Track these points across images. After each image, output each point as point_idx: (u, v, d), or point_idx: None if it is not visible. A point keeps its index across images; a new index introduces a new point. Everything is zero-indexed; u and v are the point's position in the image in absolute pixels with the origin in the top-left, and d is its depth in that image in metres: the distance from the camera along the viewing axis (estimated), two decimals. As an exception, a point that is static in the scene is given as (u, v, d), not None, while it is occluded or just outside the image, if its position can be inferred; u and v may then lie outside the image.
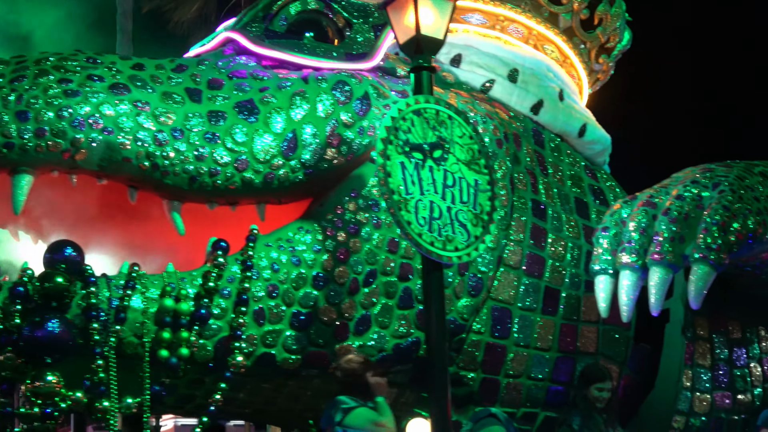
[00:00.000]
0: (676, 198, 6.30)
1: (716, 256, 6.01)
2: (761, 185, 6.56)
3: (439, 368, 4.92)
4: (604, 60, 8.50)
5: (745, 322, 7.71)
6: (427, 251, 4.94)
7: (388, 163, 4.94)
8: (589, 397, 6.32)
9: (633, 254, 6.21)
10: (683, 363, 7.26)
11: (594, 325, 7.12)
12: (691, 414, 7.25)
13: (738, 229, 6.10)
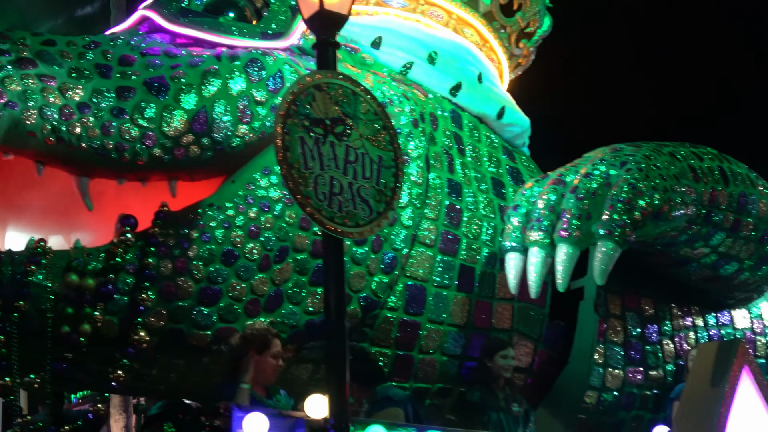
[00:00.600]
0: (584, 176, 6.13)
1: (621, 233, 5.85)
2: (669, 164, 6.42)
3: (337, 344, 4.66)
4: (525, 45, 8.31)
5: (657, 300, 7.59)
6: (326, 227, 4.68)
7: (287, 137, 4.66)
8: (493, 368, 6.13)
9: (541, 231, 6.05)
10: (596, 340, 7.10)
11: (509, 302, 6.94)
12: (603, 389, 7.09)
13: (643, 206, 5.95)
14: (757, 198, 7.00)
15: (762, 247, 7.17)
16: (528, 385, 7.06)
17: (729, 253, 7.04)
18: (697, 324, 7.76)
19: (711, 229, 6.79)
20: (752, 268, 7.30)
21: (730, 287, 7.50)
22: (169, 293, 5.57)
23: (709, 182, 6.68)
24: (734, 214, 6.85)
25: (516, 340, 6.95)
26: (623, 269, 7.45)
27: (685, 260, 7.10)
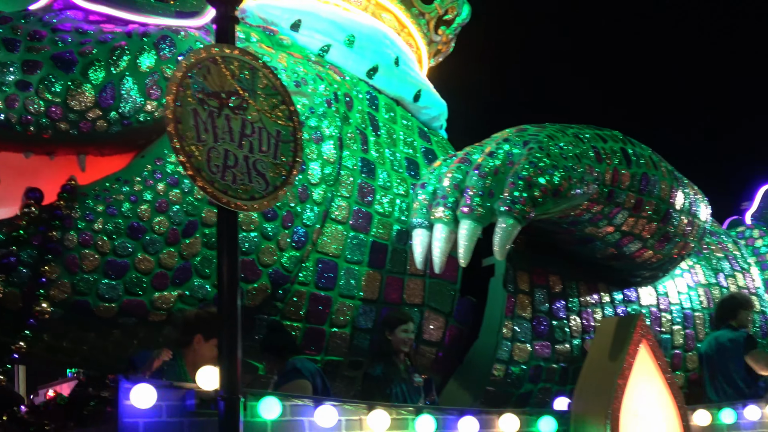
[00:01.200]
0: (488, 155, 6.01)
1: (521, 209, 5.74)
2: (571, 145, 6.32)
3: (229, 318, 4.49)
4: (443, 32, 8.17)
5: (565, 277, 7.49)
6: (219, 200, 4.50)
7: (179, 109, 4.47)
8: (394, 341, 6.00)
9: (446, 208, 5.92)
10: (504, 315, 6.97)
11: (421, 278, 6.81)
12: (511, 362, 7.00)
13: (543, 184, 5.84)
14: (659, 179, 6.92)
15: (664, 227, 7.09)
16: (439, 358, 6.95)
17: (632, 231, 6.96)
18: (603, 300, 7.68)
19: (614, 208, 6.70)
20: (654, 247, 7.22)
21: (634, 265, 7.42)
22: (73, 265, 5.38)
23: (612, 163, 6.58)
24: (636, 194, 6.76)
25: (427, 314, 6.83)
26: (532, 248, 7.37)
27: (589, 238, 7.01)
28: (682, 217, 7.21)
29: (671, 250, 7.36)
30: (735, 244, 9.40)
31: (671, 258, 7.54)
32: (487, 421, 5.71)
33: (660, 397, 6.31)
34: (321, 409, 4.97)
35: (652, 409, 6.23)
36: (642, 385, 6.21)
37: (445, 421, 5.53)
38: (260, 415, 4.79)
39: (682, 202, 7.21)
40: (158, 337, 5.89)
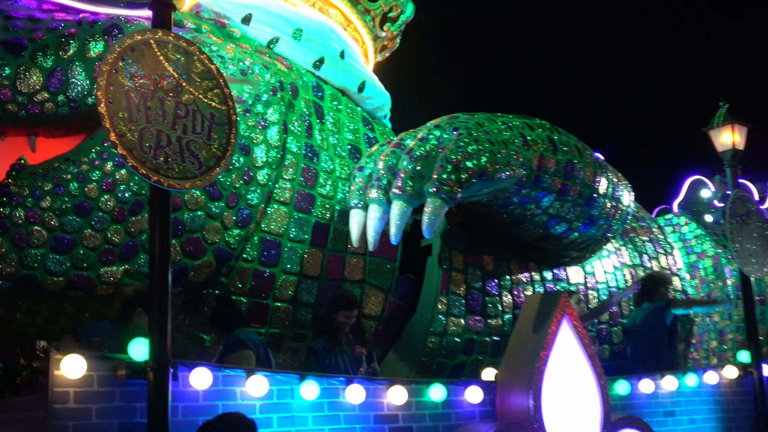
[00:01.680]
0: (420, 140, 5.77)
1: (448, 190, 5.50)
2: (499, 131, 6.11)
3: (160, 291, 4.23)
4: (389, 28, 7.91)
5: (498, 257, 7.25)
6: (150, 178, 4.21)
7: (111, 90, 4.17)
8: (337, 322, 5.74)
9: (380, 189, 5.68)
10: (439, 291, 6.73)
11: (361, 256, 6.57)
12: (446, 335, 6.78)
13: (470, 167, 5.61)
14: (584, 166, 6.71)
15: (588, 210, 6.89)
16: (379, 331, 6.72)
17: (558, 214, 6.75)
18: (534, 278, 7.47)
19: (540, 192, 6.49)
20: (580, 229, 7.01)
21: (562, 245, 7.22)
22: (20, 241, 5.10)
23: (539, 149, 6.36)
24: (562, 179, 6.55)
25: (367, 290, 6.60)
26: (468, 230, 7.13)
27: (519, 220, 6.79)
28: (605, 201, 7.00)
29: (596, 233, 7.15)
30: (659, 229, 9.23)
31: (596, 239, 7.33)
32: (415, 390, 5.47)
33: (581, 368, 6.10)
34: (252, 379, 4.71)
35: (573, 379, 6.02)
36: (564, 356, 6.00)
37: (375, 390, 5.28)
38: (192, 384, 4.49)
39: (606, 187, 7.00)
40: (109, 310, 5.58)
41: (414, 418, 5.44)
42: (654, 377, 7.13)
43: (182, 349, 5.71)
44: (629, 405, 6.94)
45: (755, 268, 8.10)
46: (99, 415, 4.21)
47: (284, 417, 4.86)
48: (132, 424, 4.26)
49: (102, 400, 4.23)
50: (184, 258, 5.66)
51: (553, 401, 5.84)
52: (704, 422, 7.54)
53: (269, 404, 4.79)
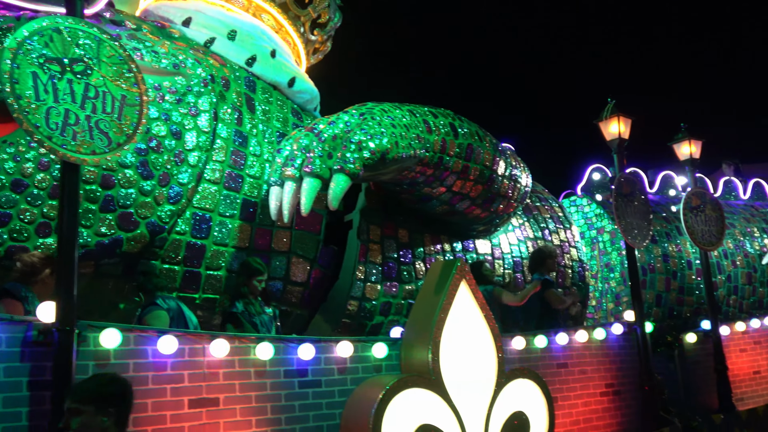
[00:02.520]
0: (329, 124, 5.35)
1: (352, 168, 5.07)
2: (403, 117, 5.68)
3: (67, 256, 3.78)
4: (319, 33, 7.44)
5: (413, 231, 6.87)
6: (56, 153, 3.76)
7: (17, 71, 3.69)
8: (250, 287, 5.30)
9: (294, 168, 5.22)
10: (357, 260, 6.30)
11: (288, 230, 6.15)
12: (364, 299, 6.37)
13: (373, 147, 5.22)
14: (483, 149, 6.32)
15: (488, 189, 6.52)
16: (305, 296, 6.27)
17: (461, 192, 6.37)
18: (445, 249, 7.08)
19: (444, 172, 6.10)
20: (482, 205, 6.61)
21: (467, 220, 6.85)
22: (-41, 215, 4.60)
23: (441, 134, 5.95)
24: (463, 160, 6.16)
25: (294, 260, 6.15)
26: (384, 206, 6.72)
27: (427, 197, 6.40)
28: (504, 181, 6.61)
29: (497, 208, 6.75)
30: (560, 208, 8.87)
31: (498, 215, 6.94)
32: (324, 347, 5.06)
33: (477, 327, 5.70)
34: (163, 339, 4.26)
35: (469, 336, 5.62)
36: (461, 316, 5.60)
37: (287, 348, 4.85)
38: (102, 344, 4.03)
39: (504, 169, 6.62)
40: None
41: (323, 372, 5.03)
42: (548, 333, 6.77)
43: (104, 313, 5.26)
44: (526, 359, 6.59)
45: (637, 241, 7.77)
46: (7, 373, 3.73)
47: (195, 373, 4.42)
48: (40, 383, 3.79)
49: (11, 360, 3.76)
50: (118, 231, 5.21)
51: (451, 356, 5.45)
52: (594, 372, 7.20)
53: (180, 361, 4.37)
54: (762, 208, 12.20)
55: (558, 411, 6.74)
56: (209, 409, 4.42)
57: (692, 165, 9.70)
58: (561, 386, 6.83)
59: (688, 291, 10.43)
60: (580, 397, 6.99)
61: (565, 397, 6.85)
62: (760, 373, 9.87)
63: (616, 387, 7.41)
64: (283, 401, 4.77)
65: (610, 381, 7.34)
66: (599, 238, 10.48)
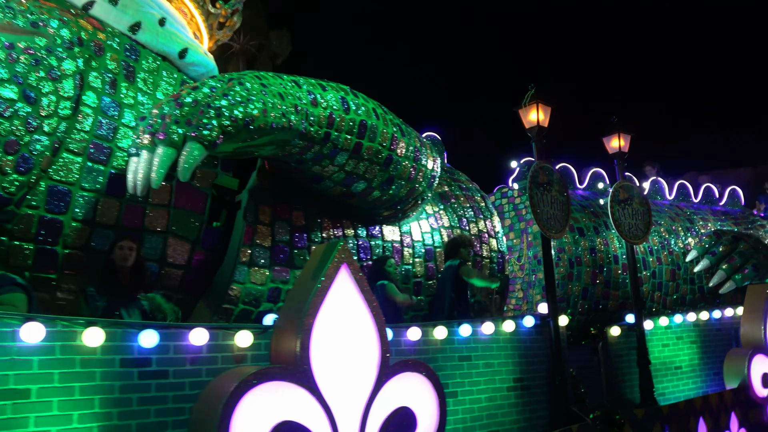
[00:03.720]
0: (193, 89, 4.50)
1: (208, 135, 4.20)
2: (281, 86, 4.91)
3: None
4: (221, 5, 6.56)
5: (310, 213, 6.06)
6: None
7: None
8: (115, 259, 4.46)
9: (151, 135, 4.36)
10: (242, 242, 5.45)
11: (165, 207, 5.29)
12: (248, 284, 5.49)
13: (236, 114, 4.37)
14: (380, 128, 5.51)
15: (386, 170, 5.69)
16: (187, 280, 5.44)
17: (355, 172, 5.56)
18: (347, 234, 6.28)
19: (333, 149, 5.30)
20: (381, 188, 5.79)
21: (367, 203, 6.05)
22: None
23: (329, 108, 5.13)
24: (355, 137, 5.34)
25: (171, 240, 5.29)
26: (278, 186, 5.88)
27: (319, 177, 5.58)
28: (405, 163, 5.82)
29: (398, 192, 5.95)
30: (483, 198, 8.06)
31: (401, 200, 6.13)
32: (173, 334, 4.26)
33: (359, 315, 4.90)
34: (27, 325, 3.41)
35: (350, 326, 4.82)
36: (341, 303, 4.79)
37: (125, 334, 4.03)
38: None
39: (405, 150, 5.82)
40: None
41: (171, 362, 4.20)
42: (449, 324, 5.98)
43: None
44: (423, 351, 5.79)
45: (552, 231, 7.01)
46: None
47: (2, 360, 3.55)
48: None
49: None
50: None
51: (325, 345, 4.65)
52: (501, 366, 6.43)
53: (-19, 346, 3.51)
54: (686, 208, 11.64)
55: (458, 406, 5.98)
56: (17, 401, 3.57)
57: (621, 159, 9.01)
58: (462, 380, 6.06)
59: (614, 285, 9.73)
60: (485, 392, 6.22)
61: (467, 391, 6.08)
62: (681, 368, 9.20)
63: (525, 381, 6.65)
64: (116, 393, 3.94)
65: (519, 375, 6.58)
66: (528, 229, 9.74)
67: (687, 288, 10.43)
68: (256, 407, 4.22)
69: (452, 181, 7.99)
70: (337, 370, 4.72)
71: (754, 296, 9.41)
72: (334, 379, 4.68)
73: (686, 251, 10.61)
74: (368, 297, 4.98)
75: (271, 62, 23.21)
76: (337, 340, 4.76)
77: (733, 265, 10.17)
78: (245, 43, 22.20)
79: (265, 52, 23.63)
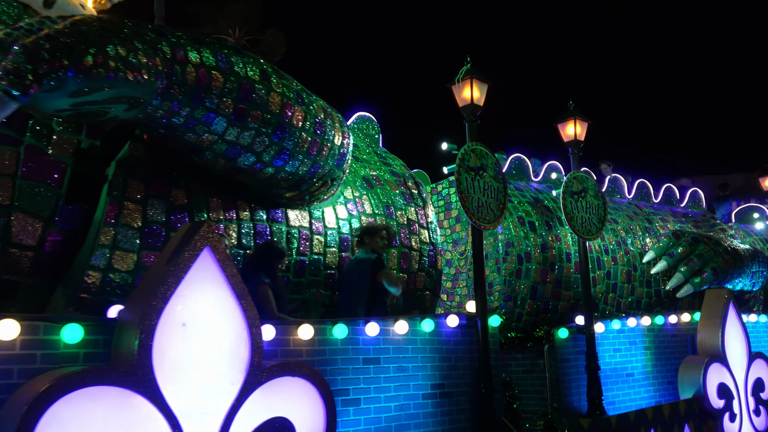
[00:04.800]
0: (14, 28, 3.60)
1: (18, 83, 3.36)
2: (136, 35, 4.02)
3: None
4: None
5: (194, 191, 5.22)
6: None
7: None
8: None
9: None
10: (104, 222, 4.60)
11: (9, 177, 4.38)
12: (109, 270, 4.65)
13: (58, 58, 3.48)
14: (269, 92, 4.67)
15: (279, 143, 4.85)
16: (39, 263, 4.56)
17: (240, 143, 4.70)
18: (242, 217, 5.41)
19: (208, 114, 4.42)
20: (274, 163, 4.97)
21: (259, 181, 5.20)
22: None
23: (200, 65, 4.29)
24: (236, 101, 4.50)
25: (18, 217, 4.42)
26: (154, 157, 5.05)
27: (196, 147, 4.72)
28: (303, 135, 4.99)
29: (297, 169, 5.13)
30: (416, 185, 7.26)
31: (304, 179, 5.31)
32: None
33: (225, 309, 4.08)
34: None
35: (212, 321, 4.00)
36: (201, 294, 3.97)
37: None
38: None
39: (304, 121, 4.99)
40: None
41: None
42: (352, 322, 5.18)
43: None
44: (319, 351, 4.96)
45: (481, 221, 6.22)
46: None
47: None
48: None
49: None
50: None
51: (175, 345, 3.81)
52: (418, 370, 5.63)
53: None
54: (646, 208, 10.92)
55: (360, 415, 5.15)
56: None
57: (576, 147, 8.23)
58: (368, 386, 5.24)
59: (566, 285, 8.95)
60: (395, 399, 5.41)
61: (373, 399, 5.26)
62: (633, 375, 8.45)
63: (447, 388, 5.84)
64: None
65: (438, 381, 5.77)
66: (473, 222, 8.96)
67: (643, 291, 9.68)
68: (70, 419, 3.39)
69: (383, 165, 7.20)
70: (190, 375, 3.86)
71: (712, 301, 8.69)
72: (185, 386, 3.84)
73: (643, 252, 9.86)
74: (238, 288, 4.16)
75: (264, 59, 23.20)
76: (191, 337, 3.91)
77: (692, 267, 9.43)
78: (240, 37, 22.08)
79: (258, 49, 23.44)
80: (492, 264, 8.58)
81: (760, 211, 12.06)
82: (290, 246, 5.69)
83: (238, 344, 4.08)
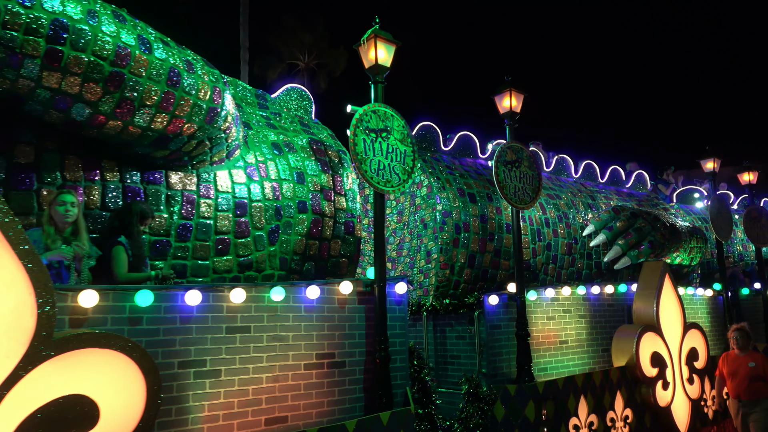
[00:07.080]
0: None
1: None
2: None
3: None
4: None
5: (44, 149, 4.01)
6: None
7: None
8: None
9: None
10: None
11: None
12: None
13: None
14: (94, 33, 3.41)
15: (116, 92, 3.63)
16: None
17: (66, 91, 3.50)
18: (107, 179, 4.24)
19: (12, 55, 3.21)
20: (116, 115, 3.76)
21: (116, 138, 3.98)
22: None
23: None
24: (44, 42, 3.31)
25: None
26: None
27: (17, 96, 3.51)
28: (149, 85, 3.74)
29: (149, 123, 3.89)
30: (337, 154, 5.97)
31: (168, 137, 4.08)
32: None
33: (4, 271, 2.90)
34: None
35: None
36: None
37: None
38: None
39: (150, 68, 3.76)
40: None
41: None
42: (210, 288, 3.96)
43: None
44: (163, 319, 3.76)
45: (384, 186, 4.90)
46: None
47: None
48: None
49: None
50: None
51: None
52: (300, 339, 4.39)
53: None
54: (591, 187, 9.44)
55: (219, 388, 3.94)
56: None
57: (512, 119, 6.81)
58: (231, 356, 4.03)
59: (506, 254, 7.56)
60: (269, 370, 4.19)
61: (238, 370, 4.04)
62: (567, 342, 7.04)
63: (336, 358, 4.59)
64: None
65: (326, 351, 4.52)
66: (417, 192, 7.63)
67: (584, 263, 8.20)
68: None
69: (303, 134, 5.92)
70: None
71: (648, 273, 7.22)
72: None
73: (585, 226, 8.41)
74: (20, 248, 3.00)
75: (328, 77, 23.39)
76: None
77: (629, 241, 7.92)
78: (309, 61, 23.24)
79: (323, 69, 23.72)
80: (430, 233, 7.27)
81: (699, 192, 10.82)
82: (171, 209, 4.48)
83: (21, 312, 2.91)
